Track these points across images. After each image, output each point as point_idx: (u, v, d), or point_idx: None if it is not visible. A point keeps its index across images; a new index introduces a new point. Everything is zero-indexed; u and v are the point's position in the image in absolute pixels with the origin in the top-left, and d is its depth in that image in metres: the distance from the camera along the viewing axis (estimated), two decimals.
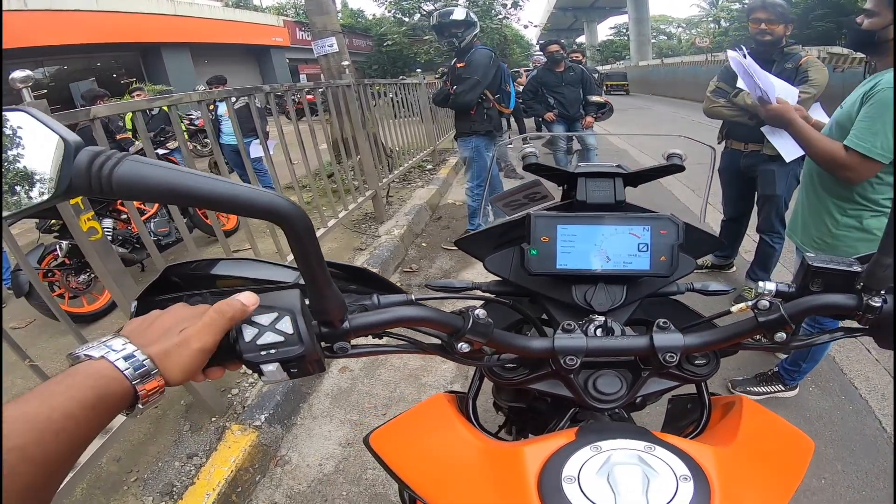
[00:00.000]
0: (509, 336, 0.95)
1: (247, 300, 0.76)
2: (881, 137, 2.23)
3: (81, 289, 4.76)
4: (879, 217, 2.47)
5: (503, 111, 5.83)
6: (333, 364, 3.74)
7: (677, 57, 46.62)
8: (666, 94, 32.01)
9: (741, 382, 3.34)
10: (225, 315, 0.73)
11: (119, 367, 0.64)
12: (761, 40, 3.76)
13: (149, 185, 0.56)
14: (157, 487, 2.57)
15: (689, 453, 0.77)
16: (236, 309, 0.74)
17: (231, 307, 0.74)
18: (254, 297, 0.77)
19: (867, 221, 2.50)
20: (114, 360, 0.65)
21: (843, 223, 2.58)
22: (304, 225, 0.66)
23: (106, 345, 0.67)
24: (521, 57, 40.50)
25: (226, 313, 0.73)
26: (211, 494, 2.47)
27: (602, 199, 1.22)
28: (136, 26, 21.98)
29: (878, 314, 0.85)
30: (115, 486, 2.62)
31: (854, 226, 2.54)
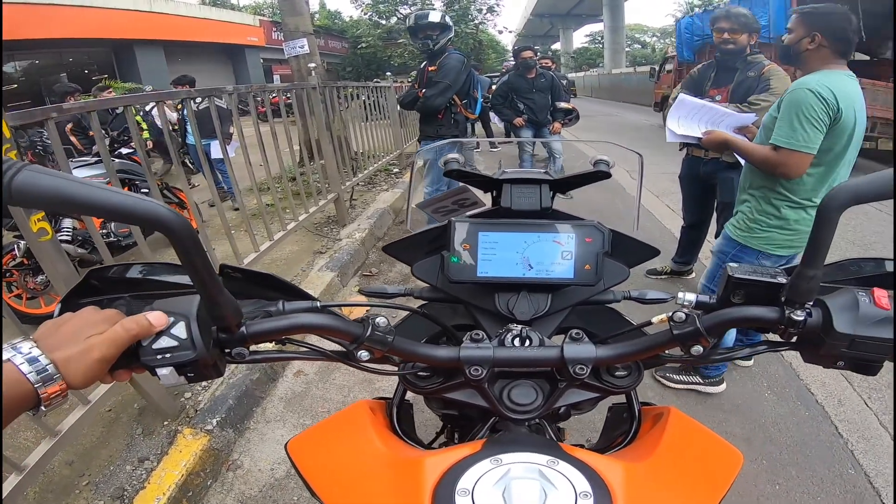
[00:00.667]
0: (413, 344, 0.93)
1: (155, 321, 0.76)
2: (799, 131, 2.52)
3: (39, 289, 4.69)
4: (796, 209, 2.74)
5: (469, 117, 5.85)
6: (287, 368, 3.73)
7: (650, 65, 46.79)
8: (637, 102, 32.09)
9: (664, 368, 3.43)
10: (130, 332, 0.74)
11: (23, 371, 0.66)
12: (725, 49, 3.89)
13: (41, 195, 0.56)
14: (108, 491, 2.55)
15: (595, 468, 0.76)
16: (142, 327, 0.75)
17: (138, 325, 0.75)
18: (163, 318, 0.77)
19: (785, 211, 2.77)
20: (18, 363, 0.66)
21: (763, 210, 2.85)
22: (188, 233, 0.66)
23: (14, 347, 0.68)
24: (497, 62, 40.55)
25: (130, 331, 0.74)
26: (161, 499, 2.46)
27: (528, 206, 1.19)
28: (109, 22, 21.57)
29: (802, 328, 0.82)
30: (66, 489, 2.61)
31: (773, 213, 2.81)
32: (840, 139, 2.56)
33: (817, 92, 2.47)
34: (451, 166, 1.24)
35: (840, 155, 2.61)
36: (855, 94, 2.54)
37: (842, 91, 2.49)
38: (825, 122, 2.50)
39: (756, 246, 2.92)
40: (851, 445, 2.89)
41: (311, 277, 4.88)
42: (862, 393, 3.31)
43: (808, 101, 2.49)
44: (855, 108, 2.52)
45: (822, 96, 2.47)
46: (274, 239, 4.59)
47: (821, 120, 2.49)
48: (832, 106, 2.47)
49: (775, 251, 2.87)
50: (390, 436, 1.03)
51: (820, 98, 2.47)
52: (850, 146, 2.61)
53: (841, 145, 2.58)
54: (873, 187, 0.70)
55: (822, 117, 2.48)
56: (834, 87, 2.49)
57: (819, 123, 2.49)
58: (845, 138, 2.56)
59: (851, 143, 2.60)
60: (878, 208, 6.83)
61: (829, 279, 0.93)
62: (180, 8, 26.28)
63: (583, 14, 69.15)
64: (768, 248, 2.88)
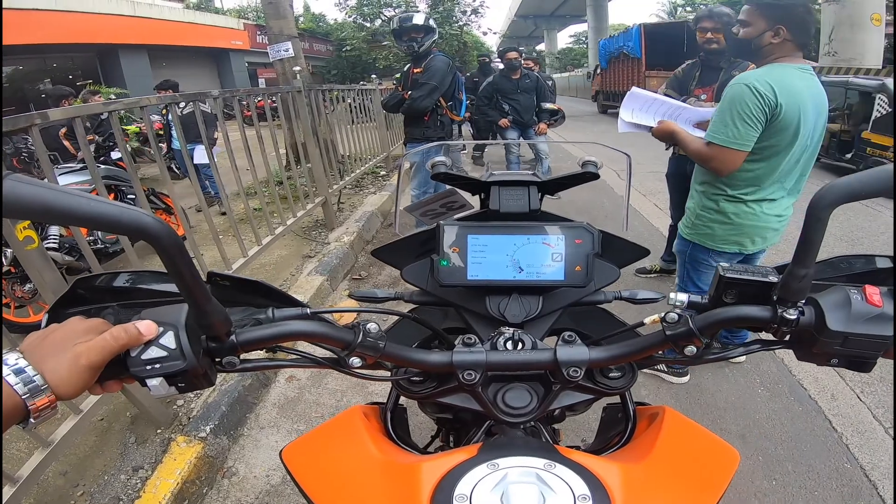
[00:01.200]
0: (405, 350, 0.93)
1: (145, 330, 0.76)
2: (731, 127, 2.54)
3: (27, 298, 4.63)
4: (734, 202, 2.78)
5: (454, 118, 5.85)
6: (280, 373, 3.72)
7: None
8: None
9: None
10: (118, 341, 0.73)
11: (10, 383, 0.65)
12: (708, 49, 3.91)
13: (23, 204, 0.55)
14: (103, 501, 2.54)
15: (593, 471, 0.75)
16: (131, 336, 0.74)
17: (127, 334, 0.74)
18: (153, 327, 0.76)
19: (722, 204, 2.81)
20: (5, 375, 0.66)
21: (702, 205, 2.90)
22: (173, 241, 0.65)
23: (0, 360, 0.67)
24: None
25: (119, 339, 0.73)
26: None
27: (516, 208, 1.19)
28: (93, 27, 21.40)
29: (795, 327, 0.82)
30: (61, 500, 2.59)
31: (711, 207, 2.85)
32: (782, 135, 2.56)
33: (754, 87, 2.48)
34: (438, 169, 1.24)
35: (784, 150, 2.61)
36: (802, 88, 2.53)
37: (785, 85, 2.49)
38: (759, 118, 2.51)
39: (701, 242, 2.96)
40: (846, 439, 2.91)
41: (300, 282, 4.87)
42: (855, 387, 3.33)
43: (742, 98, 2.51)
44: (801, 102, 2.50)
45: (759, 92, 2.47)
46: (262, 243, 4.57)
47: (754, 116, 2.50)
48: (769, 101, 2.47)
49: (720, 247, 2.90)
50: (385, 441, 1.03)
51: (756, 94, 2.48)
52: (796, 141, 2.58)
53: (784, 141, 2.58)
54: (864, 185, 0.70)
55: (755, 114, 2.50)
56: (776, 81, 2.49)
57: (752, 120, 2.51)
58: (789, 134, 2.55)
59: (798, 139, 2.58)
60: (866, 204, 6.89)
61: (820, 277, 0.93)
62: (164, 12, 26.14)
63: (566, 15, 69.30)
64: (711, 244, 2.91)
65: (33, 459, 2.33)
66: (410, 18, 5.54)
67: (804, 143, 2.62)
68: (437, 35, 5.61)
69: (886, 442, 2.89)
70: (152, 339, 0.76)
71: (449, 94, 5.65)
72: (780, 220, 2.85)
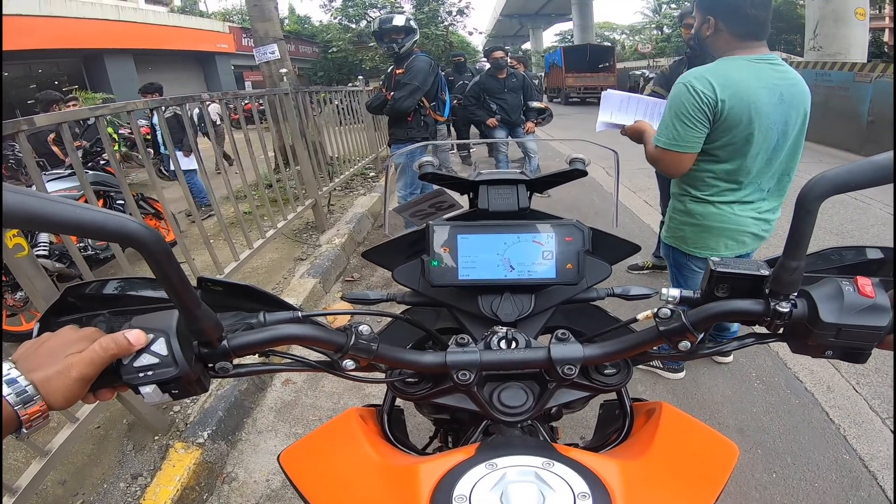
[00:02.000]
0: (398, 351, 0.93)
1: (134, 339, 0.75)
2: (671, 129, 2.49)
3: (19, 306, 4.59)
4: (701, 203, 2.72)
5: (438, 119, 5.86)
6: (276, 377, 3.71)
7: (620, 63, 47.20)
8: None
9: None
10: (108, 352, 0.72)
11: (1, 394, 0.65)
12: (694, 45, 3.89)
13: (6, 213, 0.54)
14: None
15: (592, 468, 0.75)
16: (121, 347, 0.74)
17: (116, 345, 0.73)
18: (142, 337, 0.75)
19: (689, 206, 2.76)
20: None
21: (674, 206, 2.87)
22: (160, 247, 0.65)
23: None
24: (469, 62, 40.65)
25: (108, 350, 0.73)
26: None
27: (505, 207, 1.20)
28: (77, 32, 21.27)
29: (788, 319, 0.81)
30: None
31: (680, 209, 2.82)
32: (733, 132, 2.47)
33: (690, 86, 2.42)
34: (426, 169, 1.24)
35: (743, 148, 2.50)
36: (750, 80, 2.41)
37: (728, 80, 2.40)
38: (699, 118, 2.44)
39: (677, 245, 2.92)
40: (844, 431, 2.93)
41: (292, 285, 4.86)
42: (850, 379, 3.35)
43: (680, 98, 2.45)
44: (749, 95, 2.39)
45: (695, 90, 2.40)
46: (253, 247, 4.56)
47: (692, 116, 2.44)
48: (707, 99, 2.40)
49: (693, 250, 2.84)
50: (382, 443, 1.02)
51: (692, 92, 2.41)
52: (753, 138, 2.47)
53: (737, 138, 2.48)
54: (853, 176, 0.70)
55: (693, 114, 2.43)
56: (718, 76, 2.41)
57: (690, 120, 2.45)
58: (741, 130, 2.45)
59: (756, 134, 2.46)
60: (855, 197, 6.93)
61: (811, 269, 0.94)
62: (149, 16, 26.03)
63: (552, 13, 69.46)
64: (685, 247, 2.87)
65: (31, 469, 2.31)
66: (390, 20, 5.55)
67: (768, 138, 2.49)
68: (419, 35, 5.60)
69: (884, 432, 2.91)
70: (144, 347, 0.75)
71: (432, 94, 5.66)
72: (760, 223, 2.74)
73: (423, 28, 26.07)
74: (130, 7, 24.90)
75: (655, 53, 45.07)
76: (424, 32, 26.21)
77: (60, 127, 2.81)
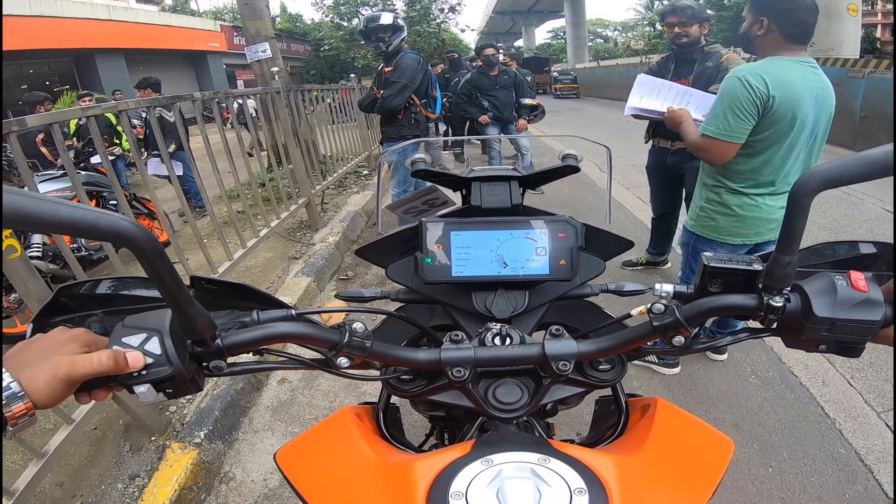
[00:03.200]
0: (393, 349, 0.93)
1: (132, 363, 0.74)
2: (722, 119, 2.56)
3: (14, 308, 4.56)
4: (736, 195, 2.80)
5: (430, 116, 5.85)
6: (272, 376, 3.70)
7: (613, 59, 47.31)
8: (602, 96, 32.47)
9: None
10: (102, 366, 0.71)
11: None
12: (679, 43, 3.92)
13: None
14: None
15: (588, 464, 0.76)
16: (118, 366, 0.72)
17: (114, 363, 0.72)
18: (141, 360, 0.74)
19: (725, 196, 2.84)
20: None
21: (707, 197, 2.92)
22: (152, 246, 0.64)
23: None
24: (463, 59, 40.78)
25: (103, 365, 0.71)
26: None
27: (498, 204, 1.19)
28: (68, 31, 21.14)
29: (781, 314, 0.82)
30: None
31: (715, 199, 2.87)
32: (776, 127, 2.56)
33: (745, 80, 2.50)
34: (418, 166, 1.24)
35: (779, 142, 2.61)
36: (797, 81, 2.52)
37: (778, 78, 2.49)
38: (751, 111, 2.52)
39: (706, 234, 2.97)
40: (839, 425, 2.95)
41: (287, 284, 4.85)
42: (845, 373, 3.37)
43: (734, 91, 2.53)
44: (795, 94, 2.50)
45: (750, 84, 2.49)
46: (247, 246, 4.55)
47: (745, 109, 2.52)
48: (760, 94, 2.48)
49: (724, 239, 2.91)
50: (378, 441, 1.02)
51: (747, 87, 2.49)
52: (791, 133, 2.58)
53: (779, 133, 2.58)
54: (846, 171, 0.70)
55: (746, 107, 2.52)
56: (769, 73, 2.50)
57: (743, 113, 2.53)
58: (784, 126, 2.55)
59: (794, 131, 2.57)
60: (847, 192, 6.95)
61: (804, 264, 0.95)
62: (140, 15, 25.92)
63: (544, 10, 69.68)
64: (716, 236, 2.93)
65: (28, 471, 2.30)
66: (377, 19, 5.53)
67: (803, 135, 2.61)
68: (406, 33, 5.59)
69: (879, 426, 2.92)
70: (135, 346, 0.75)
71: (422, 92, 5.64)
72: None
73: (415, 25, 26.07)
74: (121, 6, 24.79)
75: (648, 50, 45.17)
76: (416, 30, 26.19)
77: (51, 127, 2.79)
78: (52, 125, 2.80)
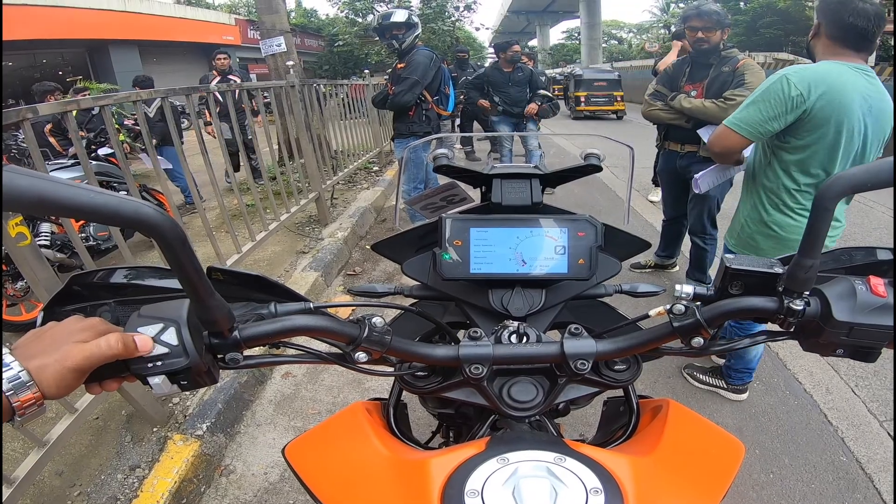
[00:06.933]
0: (411, 344, 0.92)
1: (142, 346, 0.73)
2: (744, 109, 2.48)
3: (19, 296, 4.56)
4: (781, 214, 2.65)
5: (441, 113, 5.86)
6: (276, 370, 3.71)
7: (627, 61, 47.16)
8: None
9: (690, 366, 3.44)
10: (112, 350, 0.71)
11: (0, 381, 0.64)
12: (699, 48, 3.86)
13: (19, 196, 0.52)
14: (100, 501, 2.52)
15: (603, 464, 0.75)
16: (128, 349, 0.72)
17: (124, 346, 0.72)
18: (149, 343, 0.74)
19: (767, 217, 2.70)
20: None
21: (748, 215, 2.79)
22: (175, 234, 0.63)
23: None
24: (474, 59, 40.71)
25: (112, 349, 0.71)
26: None
27: (518, 201, 1.20)
28: (82, 22, 21.16)
29: (801, 317, 0.82)
30: (58, 500, 2.57)
31: (756, 219, 2.75)
32: (817, 133, 2.41)
33: (786, 79, 2.38)
34: (440, 161, 1.23)
35: (826, 154, 2.44)
36: (848, 87, 2.34)
37: (825, 82, 2.33)
38: (779, 110, 2.40)
39: (743, 252, 2.82)
40: (841, 433, 2.94)
41: (294, 277, 4.86)
42: (849, 381, 3.36)
43: (771, 85, 2.42)
44: (843, 100, 2.32)
45: (789, 83, 2.37)
46: (256, 239, 4.55)
47: (773, 106, 2.41)
48: (798, 95, 2.35)
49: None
50: (389, 437, 1.02)
51: (784, 85, 2.38)
52: (840, 143, 2.40)
53: (823, 142, 2.41)
54: (869, 176, 0.70)
55: (775, 104, 2.40)
56: (816, 77, 2.35)
57: (769, 107, 2.42)
58: (826, 133, 2.39)
59: (843, 137, 2.38)
60: (858, 200, 6.91)
61: (822, 268, 0.93)
62: (155, 7, 25.92)
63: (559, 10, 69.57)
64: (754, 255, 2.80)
65: (29, 460, 2.31)
66: (390, 16, 5.56)
67: (850, 145, 2.43)
68: (420, 30, 5.59)
69: (881, 435, 2.91)
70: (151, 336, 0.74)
71: (434, 89, 5.66)
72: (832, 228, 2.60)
73: (430, 23, 26.03)
74: None
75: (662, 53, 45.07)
76: (431, 28, 26.15)
77: (66, 116, 2.80)
78: (65, 114, 2.80)
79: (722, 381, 3.27)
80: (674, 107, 3.94)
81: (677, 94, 3.94)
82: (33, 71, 21.06)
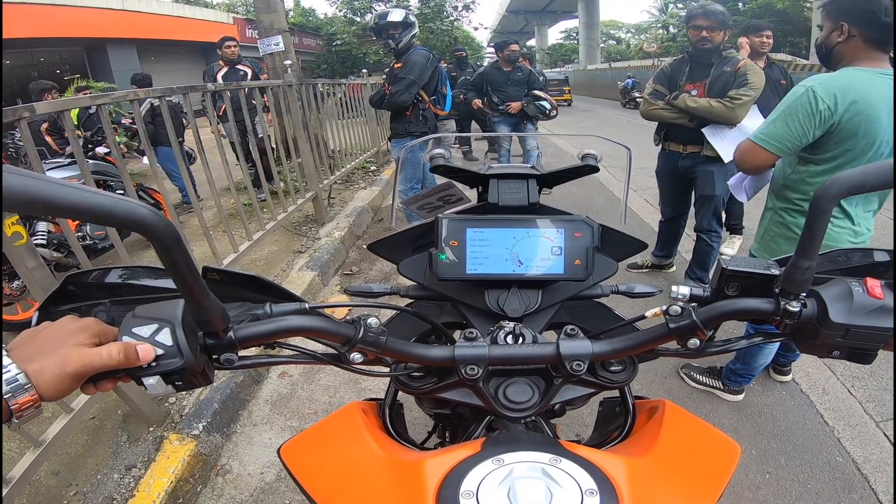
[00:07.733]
0: (406, 345, 0.92)
1: (143, 356, 0.73)
2: (771, 125, 2.40)
3: (16, 295, 4.55)
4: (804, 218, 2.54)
5: (438, 113, 5.85)
6: (272, 370, 3.71)
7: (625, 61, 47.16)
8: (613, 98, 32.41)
9: (687, 366, 3.45)
10: (113, 360, 0.70)
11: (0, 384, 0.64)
12: (702, 47, 3.86)
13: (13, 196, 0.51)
14: (96, 501, 2.52)
15: (598, 465, 0.75)
16: (129, 359, 0.72)
17: (125, 357, 0.71)
18: (151, 352, 0.73)
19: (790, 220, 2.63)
20: None
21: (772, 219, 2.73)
22: (170, 234, 0.62)
23: None
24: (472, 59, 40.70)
25: (114, 359, 0.71)
26: None
27: (515, 202, 1.19)
28: (80, 21, 21.08)
29: (797, 319, 0.82)
30: (54, 500, 2.57)
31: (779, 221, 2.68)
32: (845, 146, 2.32)
33: (814, 91, 2.27)
34: (437, 161, 1.22)
35: (853, 165, 2.28)
36: (876, 95, 2.23)
37: (854, 92, 2.24)
38: (807, 125, 2.31)
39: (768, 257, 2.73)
40: (838, 433, 2.94)
41: (291, 277, 4.86)
42: (845, 382, 3.36)
43: (796, 99, 2.32)
44: (872, 110, 2.22)
45: (816, 97, 2.26)
46: (253, 239, 4.56)
47: (800, 121, 2.32)
48: (826, 108, 2.25)
49: None
50: (385, 438, 1.02)
51: (811, 98, 2.27)
52: (867, 155, 2.32)
53: (851, 153, 2.33)
54: (868, 178, 0.70)
55: (803, 119, 2.31)
56: (844, 88, 2.25)
57: (797, 123, 2.33)
58: (856, 147, 2.31)
59: (873, 150, 2.30)
60: None
61: (819, 270, 0.94)
62: (153, 6, 25.85)
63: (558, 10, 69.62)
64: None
65: (25, 459, 2.31)
66: (387, 15, 5.53)
67: (879, 154, 2.32)
68: (417, 29, 5.58)
69: (878, 435, 2.92)
70: (146, 337, 0.74)
71: (431, 88, 5.65)
72: (854, 235, 2.54)
73: (428, 23, 26.00)
74: None
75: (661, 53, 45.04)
76: (430, 27, 26.12)
77: (62, 115, 2.78)
78: (62, 113, 2.78)
79: (719, 381, 3.28)
80: (677, 106, 3.94)
81: (679, 93, 3.94)
82: (31, 69, 21.00)
